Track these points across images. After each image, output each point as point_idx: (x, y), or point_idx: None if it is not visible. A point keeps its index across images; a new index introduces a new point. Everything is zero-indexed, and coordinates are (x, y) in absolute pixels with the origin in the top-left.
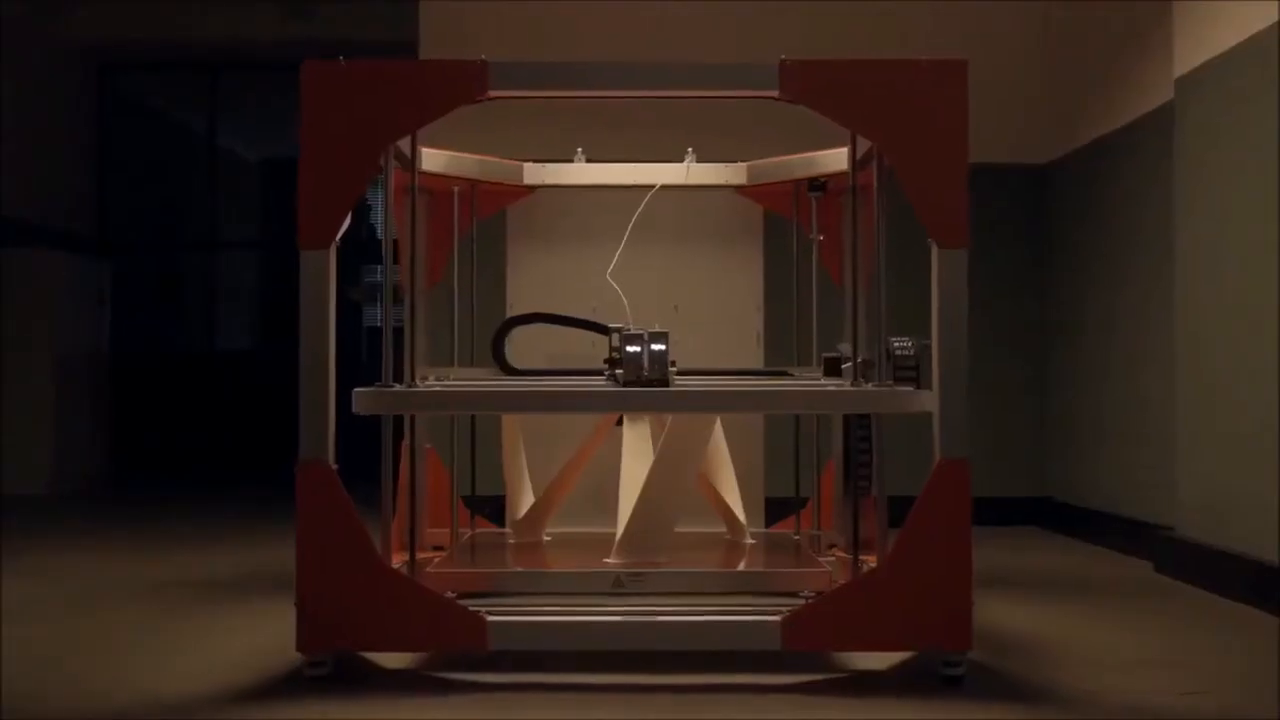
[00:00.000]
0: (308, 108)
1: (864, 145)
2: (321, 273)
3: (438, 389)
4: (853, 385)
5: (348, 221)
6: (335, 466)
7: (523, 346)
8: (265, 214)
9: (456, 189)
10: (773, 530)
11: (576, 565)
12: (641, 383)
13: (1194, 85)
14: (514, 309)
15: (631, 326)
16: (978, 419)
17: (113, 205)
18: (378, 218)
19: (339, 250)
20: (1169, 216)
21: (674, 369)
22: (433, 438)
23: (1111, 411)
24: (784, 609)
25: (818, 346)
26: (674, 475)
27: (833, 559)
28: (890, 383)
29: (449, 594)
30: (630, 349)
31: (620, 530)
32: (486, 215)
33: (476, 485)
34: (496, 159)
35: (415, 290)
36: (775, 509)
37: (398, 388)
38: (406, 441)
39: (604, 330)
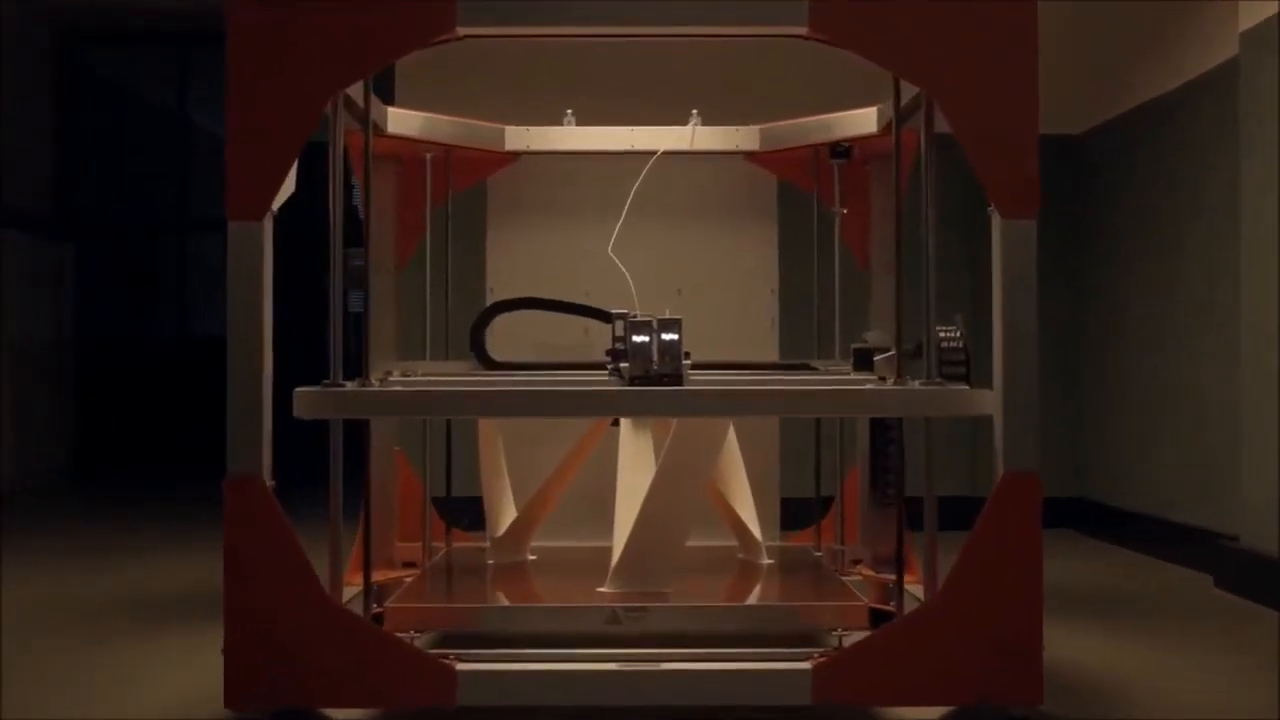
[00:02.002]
0: (234, 51)
1: (907, 95)
2: (253, 249)
3: (398, 388)
4: (895, 382)
5: (290, 188)
6: (272, 483)
7: (505, 336)
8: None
9: (429, 156)
10: (789, 543)
11: (564, 597)
12: (651, 379)
13: (1261, 40)
14: (495, 294)
15: (637, 313)
16: None
17: (76, 184)
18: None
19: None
20: (1231, 186)
21: (688, 363)
22: (403, 436)
23: (1160, 403)
24: (814, 653)
25: (841, 335)
26: (680, 488)
27: (858, 578)
28: (939, 380)
29: (411, 634)
30: (637, 339)
31: (616, 553)
32: (464, 187)
33: (453, 487)
34: (474, 121)
35: (370, 272)
36: (792, 512)
37: (349, 386)
38: (374, 445)
39: (605, 317)
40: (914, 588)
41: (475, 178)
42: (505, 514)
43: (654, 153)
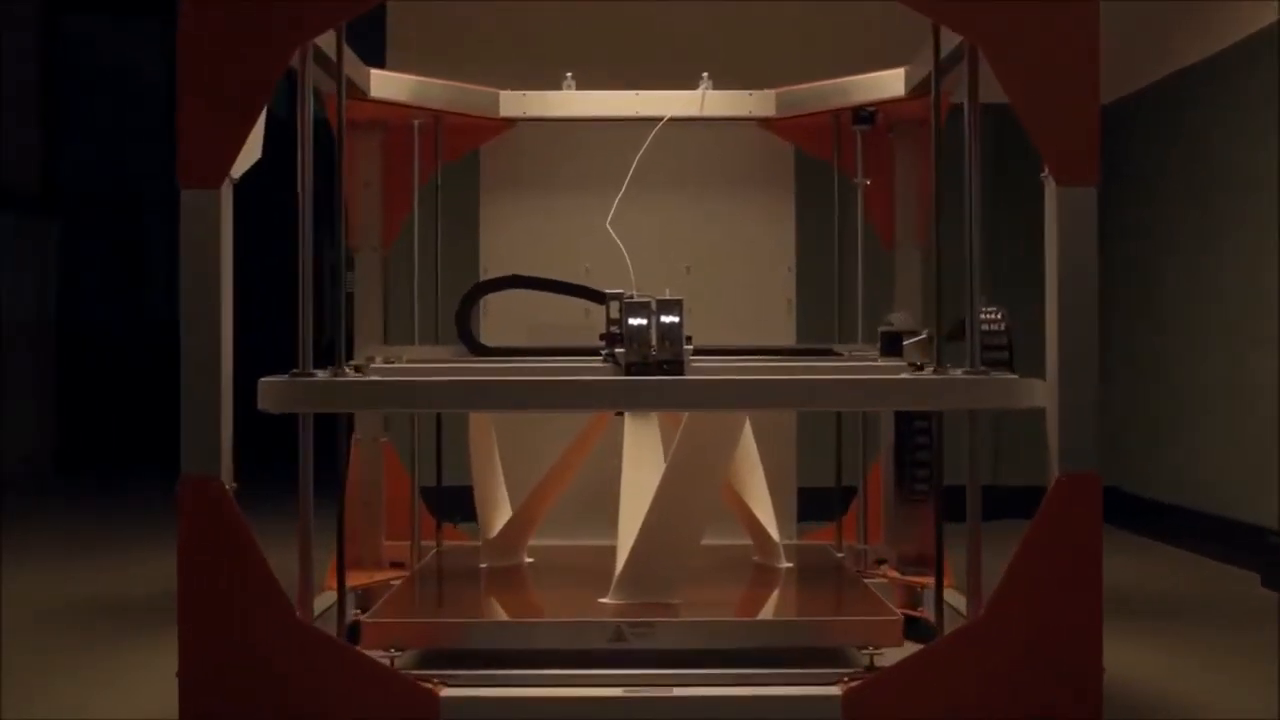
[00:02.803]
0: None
1: (946, 49)
2: (209, 220)
3: (372, 379)
4: (933, 370)
5: (256, 153)
6: (233, 485)
7: (499, 317)
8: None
9: (417, 122)
10: (808, 541)
11: (562, 610)
12: (650, 367)
13: None
14: (489, 273)
15: (635, 293)
16: None
17: (61, 160)
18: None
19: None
20: (1273, 160)
21: (690, 348)
22: (390, 420)
23: (1201, 389)
24: (843, 675)
25: (864, 318)
26: (691, 488)
27: (883, 581)
28: (984, 368)
29: (391, 652)
30: (634, 321)
31: (620, 560)
32: (455, 157)
33: (444, 475)
34: (466, 85)
35: (343, 250)
36: (809, 502)
37: (320, 376)
38: (359, 436)
39: (599, 297)
40: (945, 593)
41: (467, 147)
42: (499, 513)
43: (661, 119)
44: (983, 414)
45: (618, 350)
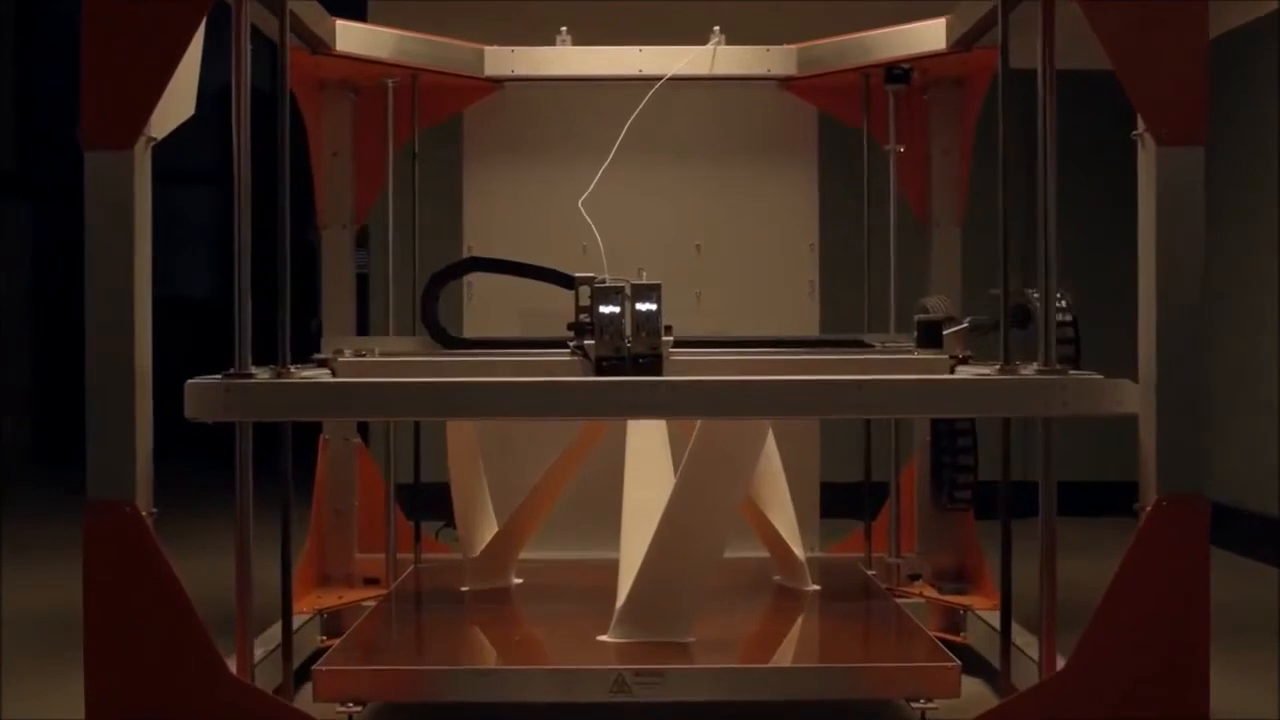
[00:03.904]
0: None
1: None
2: (118, 187)
3: (313, 380)
4: (1000, 369)
5: (188, 109)
6: (150, 512)
7: (486, 302)
8: (223, 144)
9: (390, 82)
10: (833, 554)
11: (554, 653)
12: (623, 362)
13: None
14: (473, 252)
15: (605, 277)
16: None
17: (36, 137)
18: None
19: None
20: None
21: (669, 340)
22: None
23: (1235, 376)
24: None
25: (897, 302)
26: (704, 508)
27: (918, 598)
28: (1061, 366)
29: (350, 707)
30: (605, 309)
31: (623, 592)
32: (434, 122)
33: (423, 472)
34: (446, 39)
35: (287, 227)
36: (834, 498)
37: (261, 377)
38: (327, 435)
39: (566, 282)
40: (988, 614)
41: (448, 111)
42: (483, 529)
43: (665, 78)
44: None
45: (588, 343)
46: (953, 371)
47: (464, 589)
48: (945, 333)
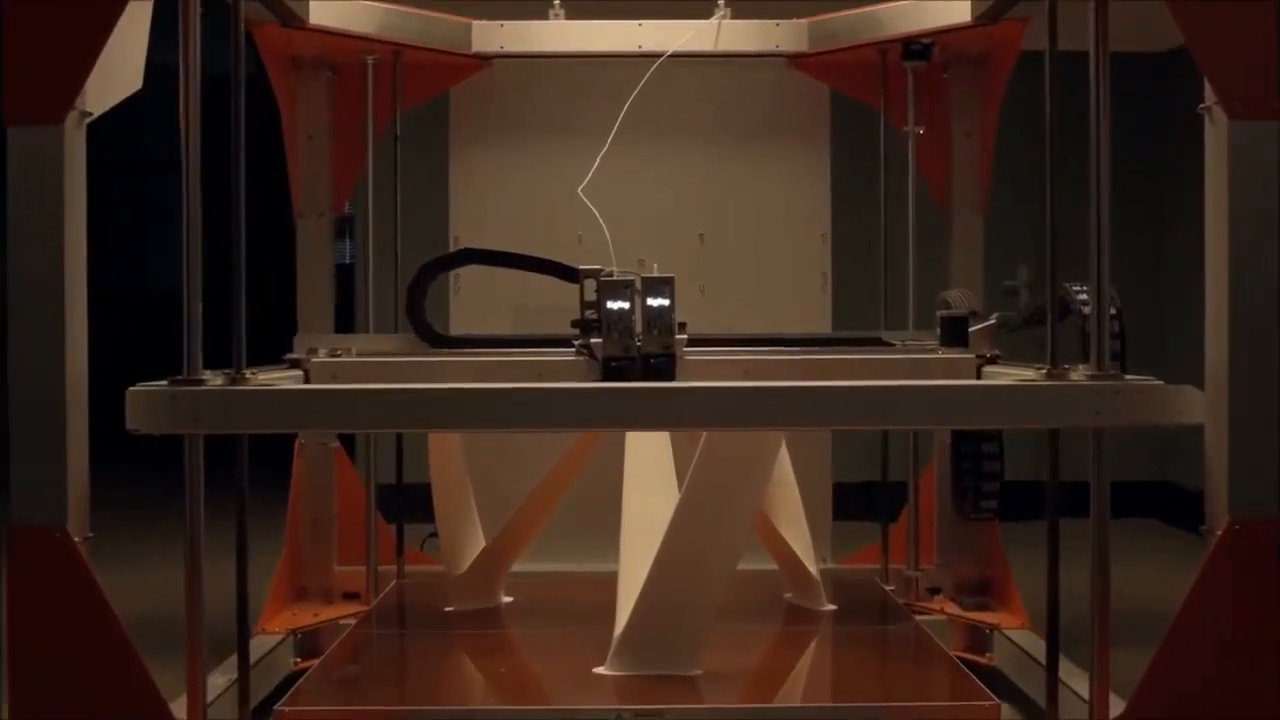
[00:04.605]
0: None
1: None
2: (47, 167)
3: (266, 386)
4: (1047, 372)
5: (135, 84)
6: (84, 536)
7: (473, 298)
8: (206, 128)
9: (371, 59)
10: (846, 565)
11: (546, 688)
12: (634, 365)
13: None
14: (461, 242)
15: (613, 269)
16: None
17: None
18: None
19: None
20: None
21: (683, 338)
22: None
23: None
24: None
25: (917, 296)
26: (713, 525)
27: (939, 615)
28: (1117, 370)
29: None
30: (612, 304)
31: (622, 619)
32: (418, 102)
33: (405, 472)
34: (431, 13)
35: (241, 216)
36: (842, 498)
37: (214, 383)
38: (303, 440)
39: (570, 275)
40: (1017, 634)
41: (433, 90)
42: (468, 544)
43: (666, 55)
44: None
45: (594, 341)
46: (980, 372)
47: (448, 609)
48: (971, 330)
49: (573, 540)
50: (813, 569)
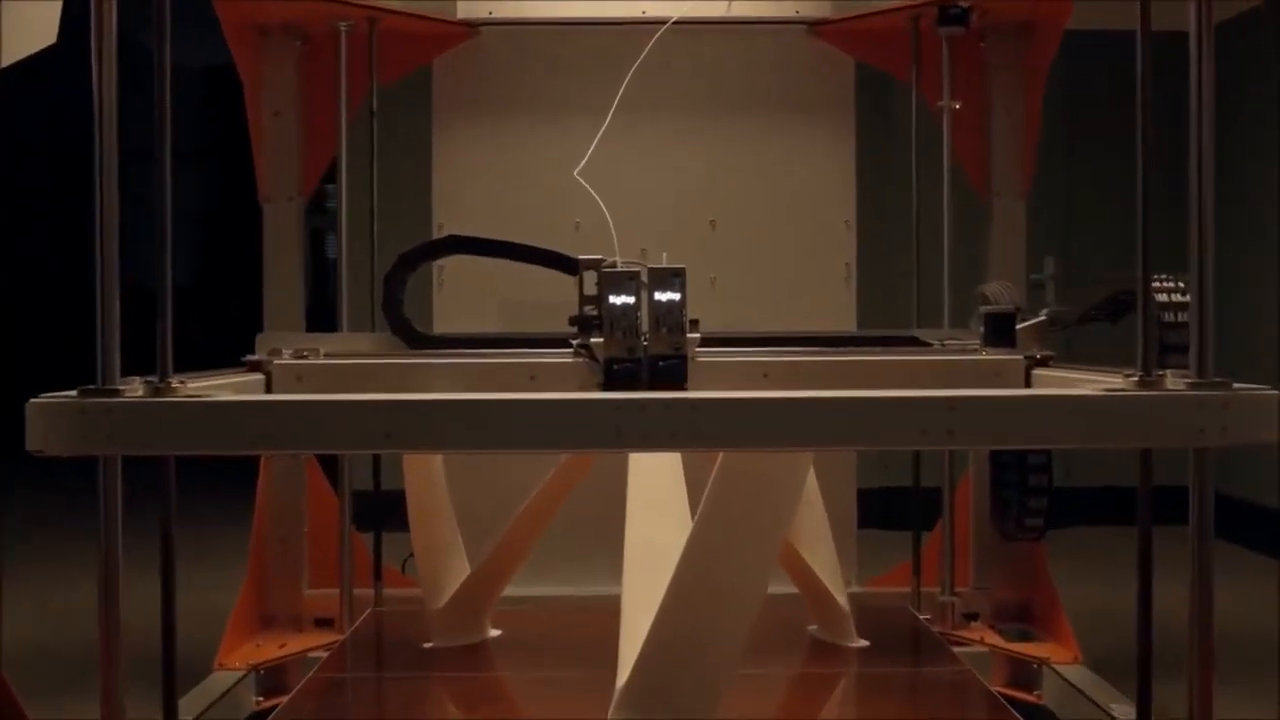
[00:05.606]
0: None
1: None
2: None
3: (195, 397)
4: (1140, 381)
5: (49, 36)
6: None
7: (456, 292)
8: (202, 118)
9: (344, 26)
10: (876, 585)
11: None
12: (639, 368)
13: None
14: (445, 229)
15: (617, 260)
16: None
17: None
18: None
19: None
20: None
21: (695, 337)
22: None
23: None
24: None
25: (951, 289)
26: (733, 557)
27: (979, 645)
28: (1224, 379)
29: None
30: (615, 299)
31: (627, 663)
32: (396, 76)
33: (383, 478)
34: None
35: (168, 198)
36: (870, 506)
37: (131, 393)
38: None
39: (569, 266)
40: (1068, 669)
41: (413, 62)
42: (450, 573)
43: (671, 21)
44: None
45: (594, 341)
46: (1029, 376)
47: (427, 646)
48: (1018, 327)
49: (567, 560)
50: (841, 599)
